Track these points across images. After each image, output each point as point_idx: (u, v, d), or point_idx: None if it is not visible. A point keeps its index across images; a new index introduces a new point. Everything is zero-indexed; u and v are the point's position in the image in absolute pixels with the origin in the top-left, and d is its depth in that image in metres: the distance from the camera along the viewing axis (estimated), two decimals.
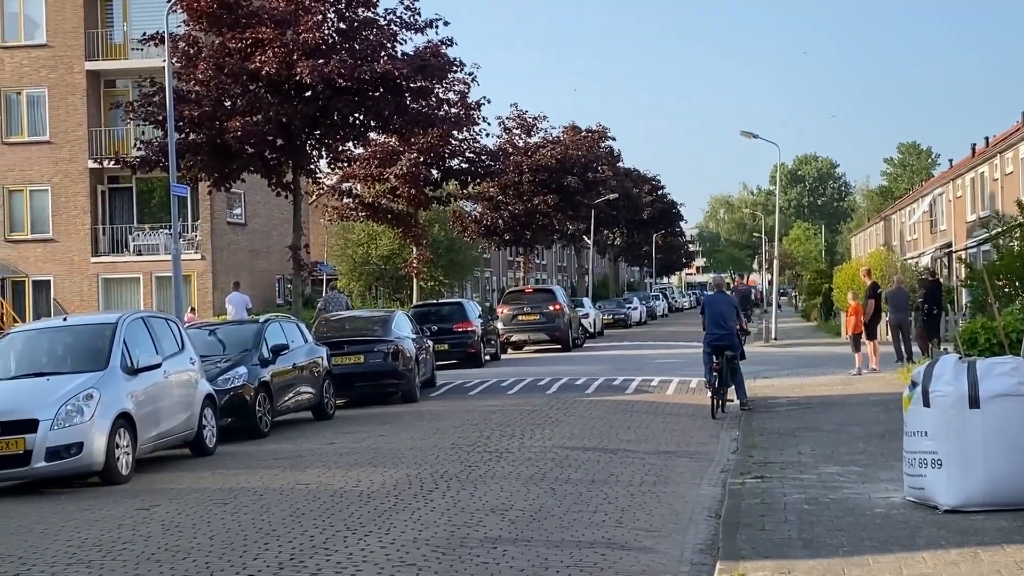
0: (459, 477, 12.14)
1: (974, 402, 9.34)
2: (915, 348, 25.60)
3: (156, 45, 28.47)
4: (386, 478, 12.18)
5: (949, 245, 49.91)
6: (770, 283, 69.45)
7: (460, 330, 30.12)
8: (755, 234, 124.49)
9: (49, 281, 42.32)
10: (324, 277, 47.45)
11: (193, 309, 36.56)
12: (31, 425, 12.52)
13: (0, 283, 40.86)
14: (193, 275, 40.64)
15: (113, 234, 42.81)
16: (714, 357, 17.91)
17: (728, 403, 18.25)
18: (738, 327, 18.70)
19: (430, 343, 24.89)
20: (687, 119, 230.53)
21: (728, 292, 19.83)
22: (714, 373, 17.83)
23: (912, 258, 54.84)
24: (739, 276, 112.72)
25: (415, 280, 41.62)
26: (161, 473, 13.71)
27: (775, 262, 52.18)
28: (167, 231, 40.15)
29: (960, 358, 9.72)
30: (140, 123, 30.26)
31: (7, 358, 14.04)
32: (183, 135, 27.13)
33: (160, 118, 27.16)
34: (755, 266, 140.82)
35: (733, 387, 18.24)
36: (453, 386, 24.14)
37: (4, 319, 37.60)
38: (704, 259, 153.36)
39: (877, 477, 11.30)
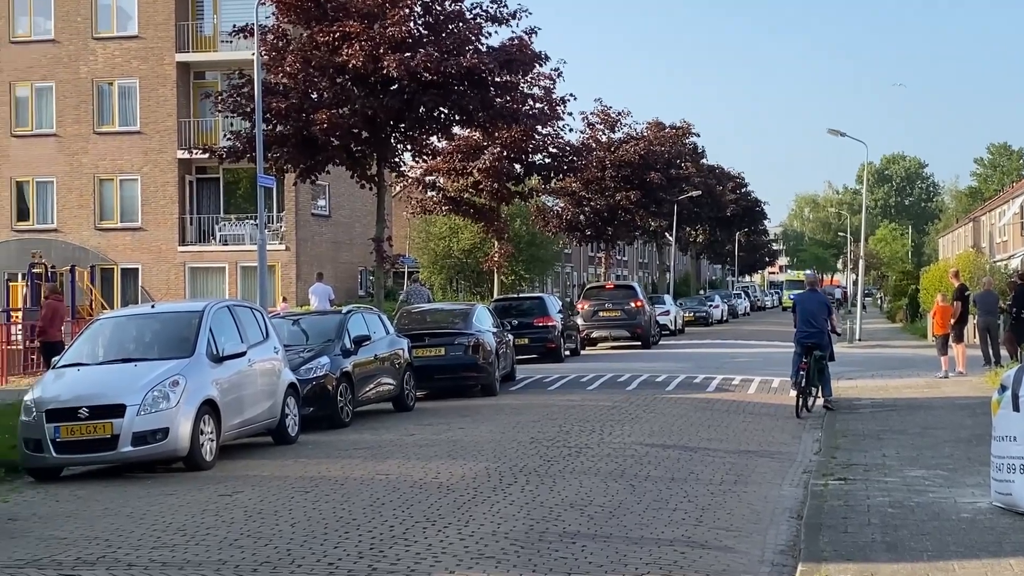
0: (538, 471, 12.13)
1: None
2: (1003, 352, 25.05)
3: (245, 38, 28.87)
4: (465, 471, 12.21)
5: None
6: (855, 283, 68.48)
7: (540, 325, 30.10)
8: (840, 233, 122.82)
9: (137, 269, 43.15)
10: (406, 270, 47.77)
11: (285, 299, 37.08)
12: (118, 410, 12.73)
13: (90, 270, 41.74)
14: (277, 265, 41.16)
15: (200, 224, 43.51)
16: (803, 356, 17.80)
17: (817, 400, 18.11)
18: (829, 327, 18.51)
19: (510, 337, 24.90)
20: (773, 116, 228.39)
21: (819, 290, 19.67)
22: (801, 372, 17.73)
23: (1002, 260, 53.71)
24: (822, 277, 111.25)
25: (496, 274, 41.70)
26: (244, 460, 13.88)
27: (860, 262, 51.46)
28: (253, 221, 40.72)
29: None
30: (228, 114, 30.67)
31: (96, 344, 14.27)
32: (270, 127, 27.47)
33: (248, 110, 27.52)
34: (839, 266, 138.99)
35: (820, 386, 18.11)
36: (532, 380, 24.13)
37: (93, 306, 38.40)
38: (788, 258, 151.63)
39: (963, 482, 11.09)
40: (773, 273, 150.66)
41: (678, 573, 8.06)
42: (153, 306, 16.35)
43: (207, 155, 31.94)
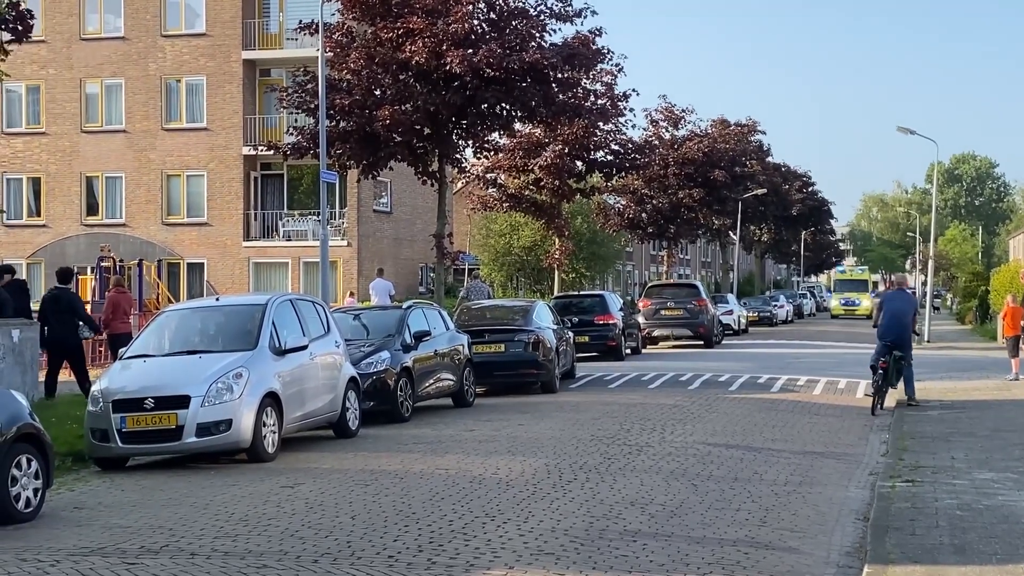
0: (598, 469, 12.05)
1: None
2: None
3: (310, 35, 29.02)
4: (525, 467, 12.16)
5: None
6: (924, 284, 67.53)
7: (601, 322, 29.92)
8: (909, 234, 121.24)
9: (203, 264, 43.65)
10: (466, 267, 47.84)
11: (352, 293, 37.29)
12: (183, 401, 12.84)
13: (157, 264, 42.27)
14: (339, 261, 41.40)
15: (264, 219, 43.90)
16: (882, 355, 18.17)
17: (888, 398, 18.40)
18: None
19: (571, 334, 24.79)
20: (841, 114, 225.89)
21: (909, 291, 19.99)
22: (880, 370, 18.02)
23: None
24: (891, 279, 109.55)
25: (556, 272, 41.61)
26: (305, 453, 13.94)
27: (930, 263, 50.70)
28: (315, 217, 40.98)
29: None
30: (293, 111, 30.89)
31: (162, 336, 14.40)
32: (334, 123, 27.59)
33: (312, 106, 27.66)
34: (908, 267, 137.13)
35: (903, 383, 18.55)
36: (593, 378, 24.00)
37: (159, 299, 38.89)
38: (855, 258, 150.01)
39: None
40: None
41: (741, 573, 7.95)
42: (217, 299, 16.46)
43: (272, 151, 32.20)
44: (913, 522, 9.29)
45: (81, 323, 18.34)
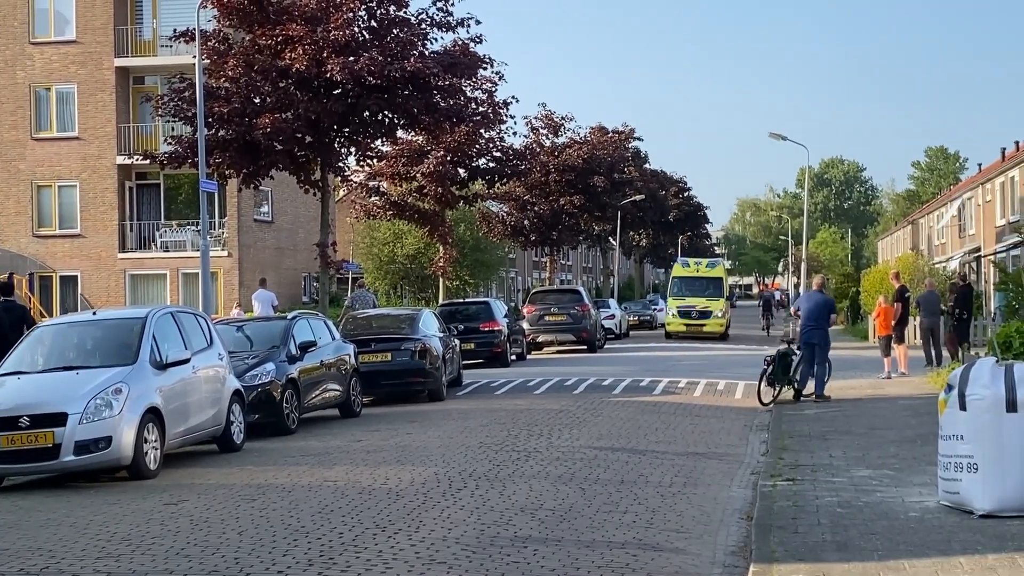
0: (488, 476, 12.08)
1: (1011, 406, 9.24)
2: (945, 352, 25.41)
3: (186, 42, 28.54)
4: (414, 476, 12.12)
5: (978, 250, 49.58)
6: (796, 287, 69.16)
7: (487, 329, 30.04)
8: (781, 237, 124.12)
9: (76, 276, 42.53)
10: (349, 276, 47.53)
11: (239, 304, 36.69)
12: (60, 419, 12.48)
13: (28, 278, 41.06)
14: (220, 272, 40.74)
15: (140, 230, 42.97)
16: (778, 352, 19.67)
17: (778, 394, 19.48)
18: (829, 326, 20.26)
19: (457, 342, 24.82)
20: (715, 121, 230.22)
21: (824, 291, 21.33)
22: (767, 367, 19.28)
23: (940, 262, 54.53)
24: (764, 282, 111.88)
25: (441, 279, 41.61)
26: (189, 468, 13.69)
27: (803, 265, 51.96)
28: (194, 228, 40.31)
29: (997, 361, 9.60)
30: (169, 119, 30.32)
31: (37, 352, 14.00)
32: (212, 131, 27.17)
33: (190, 114, 27.22)
34: (780, 269, 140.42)
35: (812, 380, 19.74)
36: (479, 385, 24.07)
37: (32, 314, 37.77)
38: (729, 262, 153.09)
39: (910, 481, 11.20)
40: None
41: None
42: (95, 313, 16.03)
43: (148, 161, 31.53)
44: (796, 520, 9.51)
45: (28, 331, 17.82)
